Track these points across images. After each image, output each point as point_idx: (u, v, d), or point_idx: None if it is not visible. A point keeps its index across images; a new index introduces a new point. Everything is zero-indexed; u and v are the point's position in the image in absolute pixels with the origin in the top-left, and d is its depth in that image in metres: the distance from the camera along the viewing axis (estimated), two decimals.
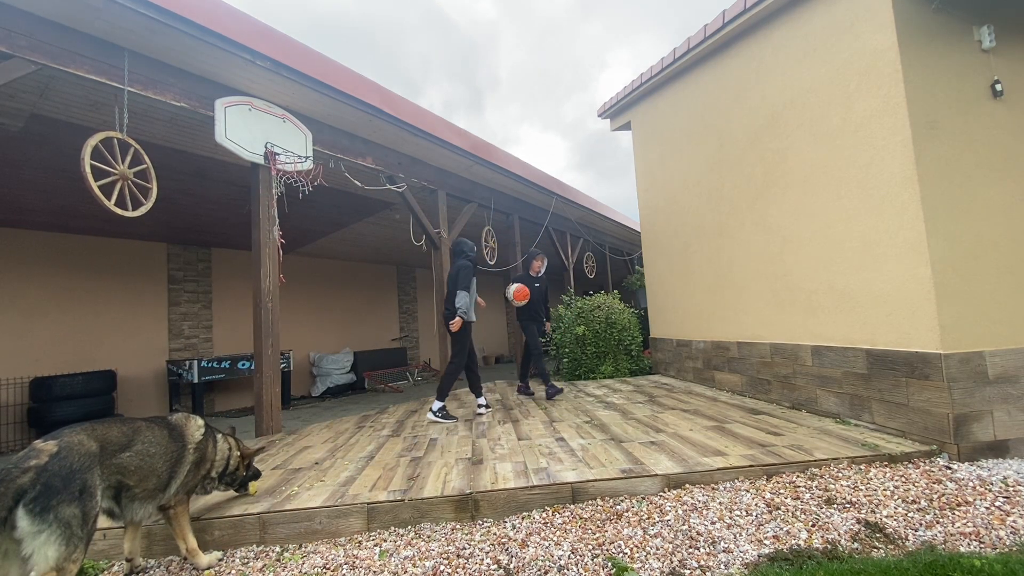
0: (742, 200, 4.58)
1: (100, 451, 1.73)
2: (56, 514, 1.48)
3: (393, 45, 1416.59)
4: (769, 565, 1.81)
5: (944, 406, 2.79)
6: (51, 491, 1.49)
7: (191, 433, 2.17)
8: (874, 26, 3.17)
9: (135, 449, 1.88)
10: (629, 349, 6.97)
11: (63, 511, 1.49)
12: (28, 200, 5.48)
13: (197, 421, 2.25)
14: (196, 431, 2.20)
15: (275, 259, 4.23)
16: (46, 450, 1.56)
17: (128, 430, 1.91)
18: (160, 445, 2.00)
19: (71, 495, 1.53)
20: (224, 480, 2.38)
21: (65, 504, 1.50)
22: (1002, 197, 3.01)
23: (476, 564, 1.97)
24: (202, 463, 2.20)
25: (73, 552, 1.51)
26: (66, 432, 1.68)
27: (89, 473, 1.63)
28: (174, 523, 2.10)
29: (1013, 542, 1.89)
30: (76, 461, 1.60)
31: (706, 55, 4.99)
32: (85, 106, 3.76)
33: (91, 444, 1.70)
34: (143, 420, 2.04)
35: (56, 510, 1.48)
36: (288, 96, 4.23)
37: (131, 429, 1.92)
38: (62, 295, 6.74)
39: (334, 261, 10.56)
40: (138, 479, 1.88)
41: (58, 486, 1.51)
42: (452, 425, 4.15)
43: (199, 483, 2.23)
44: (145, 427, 1.99)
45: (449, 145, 5.63)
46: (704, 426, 3.51)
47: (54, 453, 1.56)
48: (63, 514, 1.49)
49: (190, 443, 2.14)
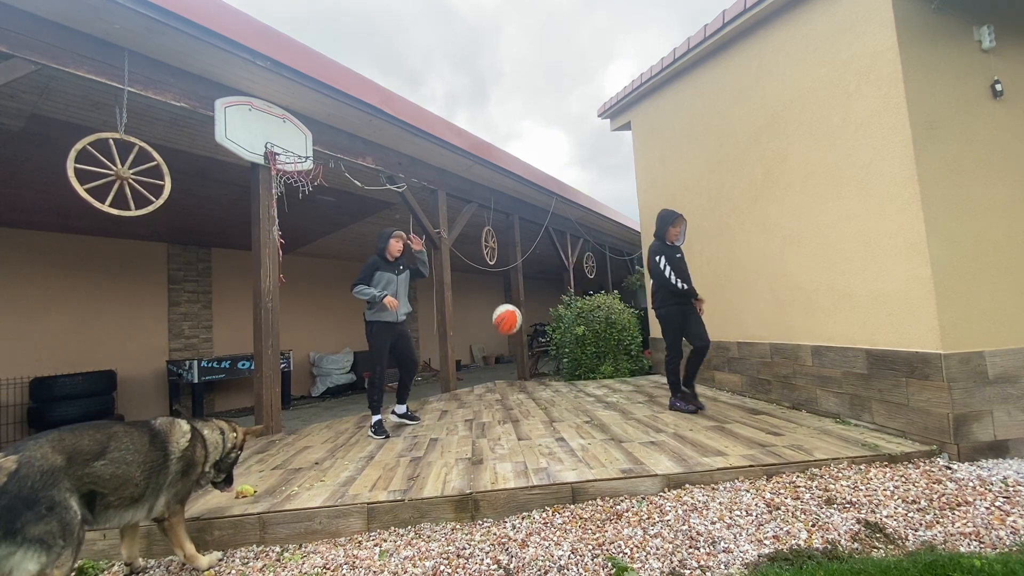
0: (742, 200, 4.58)
1: (67, 462, 1.63)
2: (24, 535, 1.43)
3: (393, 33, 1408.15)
4: (769, 565, 1.81)
5: (944, 406, 2.79)
6: (14, 514, 1.43)
7: (175, 441, 2.04)
8: (874, 26, 3.17)
9: (109, 457, 1.78)
10: (629, 349, 6.97)
11: (31, 531, 1.45)
12: (28, 200, 5.48)
13: (182, 427, 2.11)
14: (181, 439, 2.06)
15: (275, 259, 4.23)
16: (5, 467, 1.48)
17: (102, 437, 1.80)
18: (138, 452, 1.88)
19: (37, 515, 1.47)
20: (218, 467, 2.27)
21: (32, 524, 1.45)
22: (1002, 197, 3.01)
23: (476, 564, 1.97)
24: (191, 469, 2.09)
25: (56, 559, 1.48)
26: (30, 445, 1.59)
27: (54, 489, 1.54)
28: (170, 533, 2.05)
29: (1013, 542, 1.89)
30: (37, 480, 1.51)
31: (706, 55, 4.99)
32: (85, 106, 3.76)
33: (55, 457, 1.60)
34: (122, 425, 1.94)
35: (24, 531, 1.43)
36: (288, 96, 4.23)
37: (105, 436, 1.81)
38: (62, 295, 6.74)
39: (334, 261, 10.56)
40: (113, 487, 1.77)
41: (20, 508, 1.45)
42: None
43: (191, 488, 2.14)
44: (122, 432, 1.88)
45: (449, 145, 5.63)
46: (704, 426, 3.51)
47: (12, 472, 1.48)
48: (32, 533, 1.45)
49: (173, 453, 2.01)
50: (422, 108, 5.34)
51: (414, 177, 5.84)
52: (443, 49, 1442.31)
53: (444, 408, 5.08)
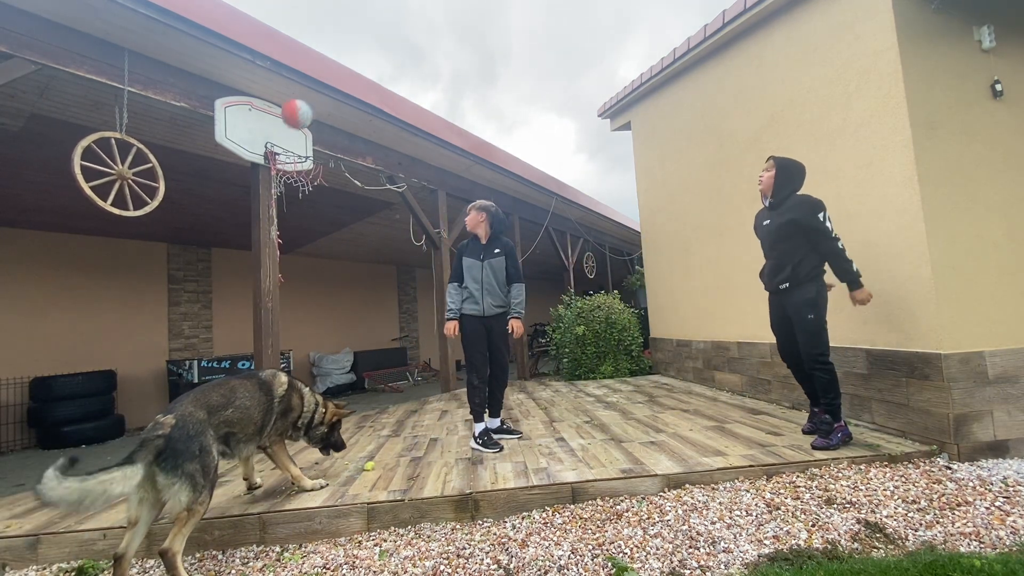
0: (742, 200, 4.58)
1: (208, 415, 2.11)
2: (183, 470, 1.90)
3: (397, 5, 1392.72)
4: (769, 565, 1.81)
5: (944, 406, 2.79)
6: (177, 453, 1.90)
7: (276, 389, 2.53)
8: (874, 26, 3.17)
9: (235, 405, 2.27)
10: (629, 349, 6.97)
11: (187, 467, 1.91)
12: (28, 200, 5.48)
13: (280, 378, 2.61)
14: (279, 387, 2.55)
15: (275, 259, 4.23)
16: (167, 423, 1.94)
17: (226, 391, 2.29)
18: (252, 398, 2.37)
19: (191, 455, 1.94)
20: (309, 434, 2.74)
21: (188, 462, 1.92)
22: (1002, 197, 3.01)
23: (476, 564, 1.97)
24: (289, 412, 2.59)
25: (200, 495, 1.94)
26: (179, 406, 2.06)
27: (203, 436, 2.02)
28: (275, 458, 2.61)
29: (1013, 542, 1.89)
30: (192, 428, 1.99)
31: (706, 55, 4.99)
32: (85, 106, 3.76)
33: (200, 412, 2.08)
34: (236, 379, 2.42)
35: (183, 467, 1.90)
36: (288, 96, 4.22)
37: (228, 389, 2.31)
38: (62, 295, 6.74)
39: (334, 261, 10.56)
40: (240, 427, 2.29)
41: (181, 449, 1.92)
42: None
43: (288, 428, 2.63)
44: (239, 385, 2.37)
45: (449, 145, 5.63)
46: (704, 426, 3.51)
47: (174, 424, 1.95)
48: (188, 469, 1.91)
49: (276, 396, 2.51)
50: (422, 108, 5.35)
51: (414, 177, 5.84)
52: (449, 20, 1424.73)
53: (444, 408, 5.08)
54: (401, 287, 12.26)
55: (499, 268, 3.38)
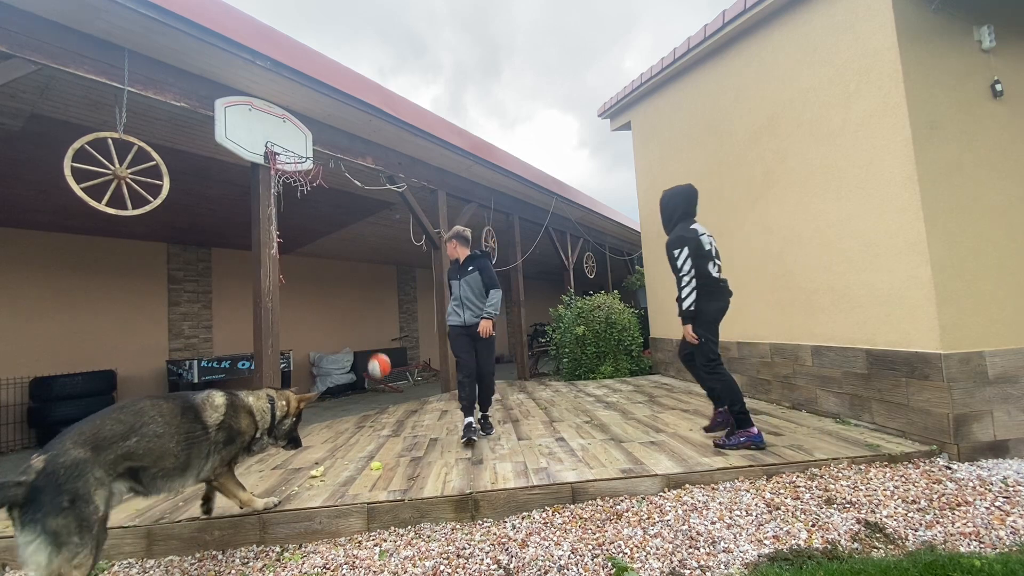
0: (742, 200, 4.58)
1: (93, 452, 1.74)
2: (43, 526, 1.57)
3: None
4: (769, 565, 1.81)
5: (944, 406, 2.79)
6: (37, 505, 1.59)
7: (208, 415, 2.14)
8: (874, 26, 3.17)
9: (140, 433, 1.89)
10: (629, 349, 6.97)
11: (50, 523, 1.58)
12: (28, 200, 5.48)
13: (215, 400, 2.21)
14: (213, 413, 2.17)
15: (275, 259, 4.23)
16: (35, 466, 1.63)
17: (129, 416, 1.91)
18: (169, 425, 1.98)
19: (57, 507, 1.60)
20: (274, 434, 2.44)
21: (51, 516, 1.59)
22: (1002, 197, 3.01)
23: (476, 564, 1.97)
24: (235, 438, 2.23)
25: (73, 558, 1.60)
26: (55, 444, 1.73)
27: (79, 482, 1.66)
28: (222, 490, 2.28)
29: (1013, 542, 1.89)
30: (62, 475, 1.64)
31: (706, 55, 4.99)
32: (85, 106, 3.76)
33: (78, 452, 1.71)
34: (148, 400, 2.03)
35: (43, 522, 1.57)
36: (288, 96, 4.23)
37: (132, 414, 1.92)
38: (62, 295, 6.73)
39: (334, 261, 10.55)
40: (153, 460, 1.91)
41: (44, 501, 1.59)
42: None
43: (237, 454, 2.30)
44: (150, 408, 1.98)
45: (449, 145, 5.63)
46: (704, 426, 3.51)
47: (40, 470, 1.62)
48: (50, 526, 1.58)
49: (209, 424, 2.13)
50: (422, 108, 5.35)
51: (414, 177, 5.84)
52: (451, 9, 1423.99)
53: (444, 408, 5.08)
54: (401, 287, 12.26)
55: (475, 282, 3.72)
